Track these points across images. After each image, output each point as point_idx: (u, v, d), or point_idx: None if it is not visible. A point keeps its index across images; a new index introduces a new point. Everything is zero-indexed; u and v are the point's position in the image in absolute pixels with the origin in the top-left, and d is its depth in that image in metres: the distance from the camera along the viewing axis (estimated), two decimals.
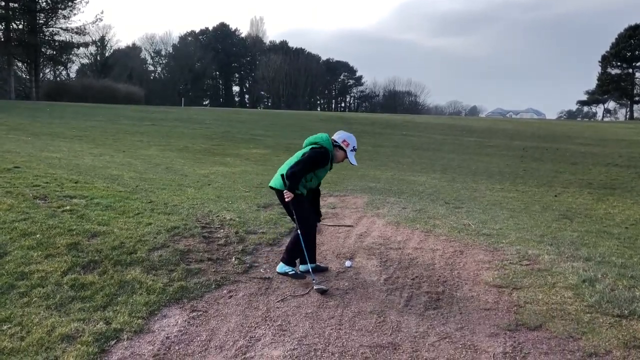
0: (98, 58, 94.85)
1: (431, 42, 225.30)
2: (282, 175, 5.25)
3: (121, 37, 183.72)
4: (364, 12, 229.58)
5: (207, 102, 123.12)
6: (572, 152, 22.60)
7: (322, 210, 7.79)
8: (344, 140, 5.39)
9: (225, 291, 4.82)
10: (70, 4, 57.92)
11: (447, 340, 3.98)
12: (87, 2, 59.84)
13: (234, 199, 8.19)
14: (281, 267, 5.24)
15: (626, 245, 6.54)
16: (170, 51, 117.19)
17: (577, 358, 3.72)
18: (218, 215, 6.91)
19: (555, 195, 11.26)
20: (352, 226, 6.97)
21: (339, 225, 6.95)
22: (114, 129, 20.99)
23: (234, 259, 5.47)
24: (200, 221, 6.58)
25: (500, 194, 10.95)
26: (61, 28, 59.22)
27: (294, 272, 5.20)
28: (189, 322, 4.22)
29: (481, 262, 5.53)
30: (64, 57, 67.22)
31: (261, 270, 5.32)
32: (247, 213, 7.19)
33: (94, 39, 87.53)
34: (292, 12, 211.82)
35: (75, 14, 58.65)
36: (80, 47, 65.82)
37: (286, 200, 5.14)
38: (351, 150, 5.39)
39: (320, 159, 5.25)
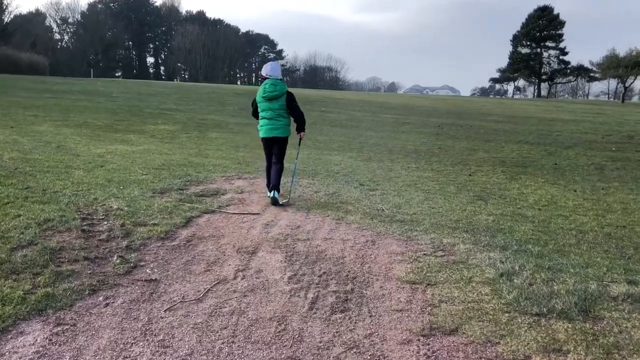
0: None
1: (353, 18, 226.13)
2: (299, 119, 7.26)
3: (21, 2, 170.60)
4: None
5: (119, 74, 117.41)
6: (485, 130, 23.03)
7: (228, 196, 7.16)
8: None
9: (100, 298, 4.08)
10: None
11: (355, 350, 3.49)
12: None
13: (127, 183, 7.34)
14: (276, 194, 6.98)
15: (541, 230, 6.36)
16: (79, 19, 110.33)
17: None
18: (104, 204, 6.08)
19: (470, 175, 11.17)
20: (259, 214, 6.36)
21: (244, 214, 6.32)
22: (5, 102, 19.09)
23: (115, 258, 4.71)
24: (81, 211, 5.73)
25: (415, 174, 10.70)
26: None
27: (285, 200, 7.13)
28: (50, 340, 3.48)
29: (394, 253, 5.09)
30: None
31: (147, 270, 4.60)
32: (138, 201, 6.38)
33: None
34: None
35: None
36: None
37: (302, 139, 7.64)
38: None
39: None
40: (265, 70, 7.30)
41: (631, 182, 11.16)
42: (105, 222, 5.49)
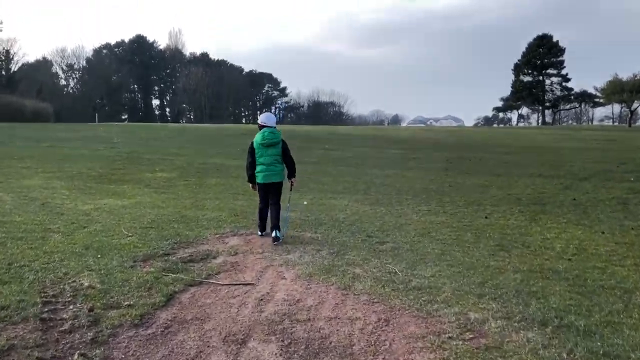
0: (3, 73, 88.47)
1: (354, 53, 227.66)
2: (290, 167, 7.89)
3: (29, 51, 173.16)
4: (289, 24, 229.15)
5: (125, 117, 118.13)
6: (495, 162, 22.24)
7: (219, 260, 6.38)
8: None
9: None
10: None
11: None
12: None
13: (107, 249, 6.55)
14: (278, 233, 7.43)
15: (578, 291, 5.50)
16: (84, 64, 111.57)
17: None
18: (74, 281, 5.28)
19: (486, 217, 10.35)
20: (253, 284, 5.53)
21: (235, 284, 5.50)
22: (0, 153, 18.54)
23: (76, 356, 3.90)
24: (45, 292, 4.94)
25: (427, 218, 9.89)
26: None
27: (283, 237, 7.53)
28: None
29: (413, 337, 4.24)
30: None
31: None
32: (115, 273, 5.58)
33: None
34: (212, 24, 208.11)
35: None
36: None
37: (294, 185, 8.16)
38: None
39: None
40: (261, 119, 8.06)
41: None
42: (72, 307, 4.68)
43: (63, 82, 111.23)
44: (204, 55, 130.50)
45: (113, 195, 11.51)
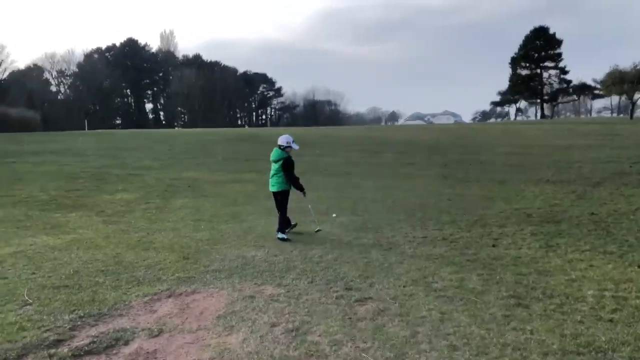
0: None
1: (350, 50, 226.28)
2: (292, 183, 9.11)
3: (17, 57, 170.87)
4: (281, 22, 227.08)
5: (119, 122, 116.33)
6: (497, 166, 20.47)
7: (132, 348, 4.61)
8: (287, 142, 9.17)
9: None
10: None
11: None
12: None
13: None
14: (280, 235, 8.93)
15: None
16: (75, 70, 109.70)
17: None
18: None
19: (494, 245, 8.58)
20: None
21: None
22: None
23: None
24: None
25: (424, 251, 8.13)
26: None
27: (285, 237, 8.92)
28: None
29: None
30: None
31: None
32: None
33: None
34: (205, 24, 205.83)
35: None
36: None
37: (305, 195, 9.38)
38: (293, 142, 9.26)
39: (293, 162, 9.13)
40: (278, 140, 9.29)
41: None
42: None
43: (54, 88, 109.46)
44: (197, 57, 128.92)
45: (51, 229, 9.71)
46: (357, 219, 10.91)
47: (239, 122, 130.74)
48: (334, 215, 11.24)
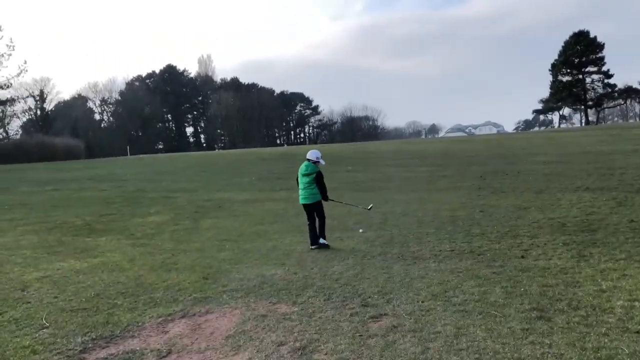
0: (38, 113, 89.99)
1: (386, 65, 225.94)
2: (320, 194, 9.93)
3: (62, 89, 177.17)
4: (316, 40, 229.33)
5: (161, 147, 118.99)
6: (535, 176, 19.91)
7: None
8: (317, 158, 10.08)
9: None
10: None
11: None
12: (9, 55, 55.01)
13: None
14: (323, 240, 9.76)
15: None
16: (117, 98, 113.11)
17: None
18: None
19: (522, 256, 8.28)
20: None
21: None
22: None
23: None
24: None
25: (448, 265, 7.90)
26: None
27: (326, 243, 9.75)
28: None
29: None
30: None
31: None
32: None
33: (32, 93, 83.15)
34: (241, 47, 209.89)
35: None
36: (7, 104, 61.01)
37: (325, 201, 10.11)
38: (321, 158, 10.16)
39: (322, 174, 9.99)
40: (307, 155, 10.21)
41: None
42: None
43: (97, 116, 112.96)
44: (234, 80, 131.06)
45: (80, 253, 9.91)
46: (385, 234, 10.75)
47: (278, 141, 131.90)
48: (360, 230, 11.12)
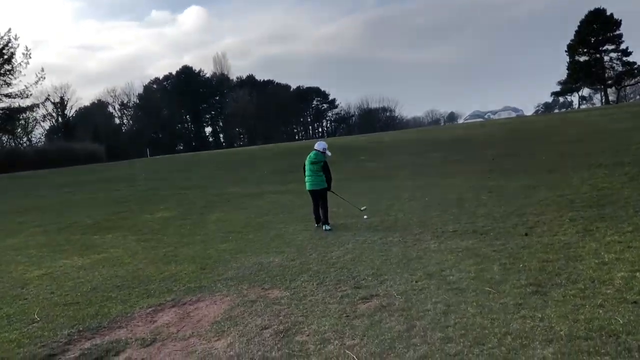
0: (59, 119, 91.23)
1: (403, 56, 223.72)
2: (327, 181, 10.61)
3: (82, 95, 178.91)
4: (330, 32, 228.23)
5: (181, 147, 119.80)
6: (548, 156, 19.52)
7: (126, 354, 4.58)
8: (324, 149, 10.83)
9: None
10: (8, 68, 54.40)
11: None
12: (27, 64, 55.71)
13: None
14: (327, 227, 10.09)
15: None
16: (136, 101, 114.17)
17: None
18: None
19: (526, 234, 8.10)
20: None
21: None
22: (5, 208, 17.64)
23: None
24: None
25: (449, 245, 7.77)
26: (3, 95, 55.62)
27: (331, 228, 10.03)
28: None
29: None
30: (14, 124, 63.34)
31: None
32: None
33: (53, 100, 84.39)
34: (256, 44, 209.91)
35: (16, 78, 54.66)
36: (27, 112, 61.98)
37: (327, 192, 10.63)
38: (327, 150, 10.91)
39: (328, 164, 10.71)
40: (315, 145, 10.97)
41: None
42: None
43: (117, 120, 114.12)
44: (250, 78, 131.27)
45: (85, 250, 9.98)
46: (389, 219, 10.63)
47: (296, 137, 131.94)
48: (365, 217, 11.00)
